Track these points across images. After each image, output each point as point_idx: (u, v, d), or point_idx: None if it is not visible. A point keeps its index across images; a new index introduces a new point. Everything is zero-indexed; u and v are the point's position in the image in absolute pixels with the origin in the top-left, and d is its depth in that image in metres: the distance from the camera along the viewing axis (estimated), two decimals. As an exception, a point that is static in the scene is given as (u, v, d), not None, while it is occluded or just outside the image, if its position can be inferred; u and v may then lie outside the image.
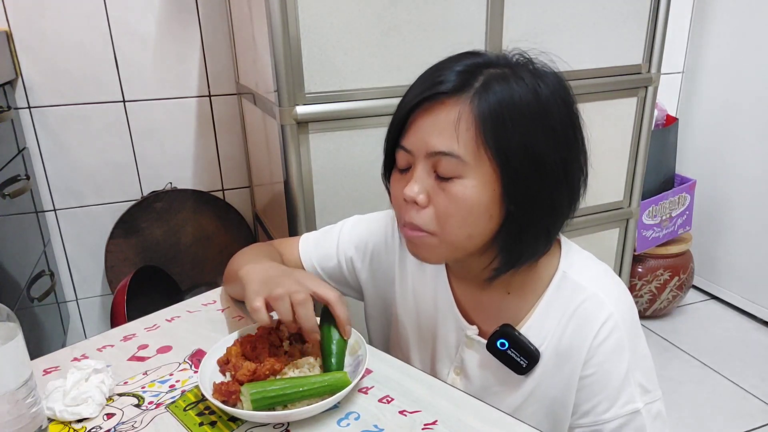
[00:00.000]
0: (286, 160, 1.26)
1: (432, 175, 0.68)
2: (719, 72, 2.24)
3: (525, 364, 0.75)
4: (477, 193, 0.67)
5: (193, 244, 1.89)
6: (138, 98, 1.77)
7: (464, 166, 0.66)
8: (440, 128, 0.66)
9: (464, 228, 0.69)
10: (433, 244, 0.71)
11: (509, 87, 0.65)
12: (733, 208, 2.23)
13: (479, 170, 0.66)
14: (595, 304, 0.73)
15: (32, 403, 0.61)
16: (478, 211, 0.68)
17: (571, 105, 0.70)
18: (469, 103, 0.65)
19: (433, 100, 0.67)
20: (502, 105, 0.65)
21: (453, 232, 0.69)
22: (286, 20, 1.16)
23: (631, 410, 0.72)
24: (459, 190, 0.67)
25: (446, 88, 0.66)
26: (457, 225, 0.68)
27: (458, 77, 0.67)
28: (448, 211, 0.68)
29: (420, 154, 0.68)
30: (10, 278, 1.35)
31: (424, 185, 0.68)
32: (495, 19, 1.33)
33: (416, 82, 0.71)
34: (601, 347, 0.72)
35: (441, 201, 0.68)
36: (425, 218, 0.69)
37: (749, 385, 1.86)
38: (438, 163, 0.67)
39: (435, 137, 0.66)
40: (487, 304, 0.80)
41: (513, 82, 0.66)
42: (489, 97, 0.65)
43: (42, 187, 1.76)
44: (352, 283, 0.94)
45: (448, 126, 0.66)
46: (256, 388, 0.64)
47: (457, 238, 0.69)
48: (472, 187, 0.67)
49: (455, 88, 0.66)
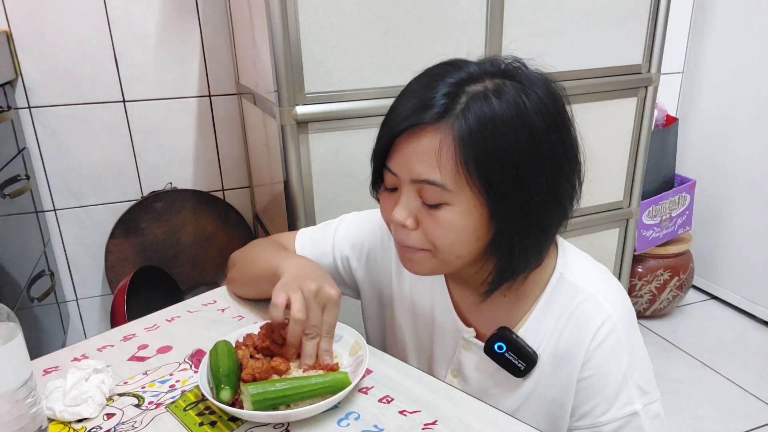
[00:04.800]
0: (286, 160, 1.26)
1: (418, 200, 0.68)
2: (719, 72, 2.24)
3: (523, 367, 0.75)
4: (463, 219, 0.67)
5: (193, 244, 1.89)
6: (138, 98, 1.77)
7: (448, 193, 0.66)
8: (422, 156, 0.65)
9: (453, 250, 0.69)
10: (426, 258, 0.71)
11: (490, 107, 0.63)
12: (733, 208, 2.23)
13: (463, 196, 0.66)
14: (593, 305, 0.73)
15: (32, 403, 0.61)
16: (464, 235, 0.68)
17: (560, 118, 0.67)
18: (449, 129, 0.64)
19: (415, 127, 0.66)
20: (483, 128, 0.63)
21: (443, 251, 0.70)
22: (286, 20, 1.16)
23: (629, 412, 0.72)
24: (445, 216, 0.67)
25: (428, 116, 0.64)
26: (446, 247, 0.69)
27: (440, 102, 0.64)
28: (435, 234, 0.68)
29: (405, 179, 0.68)
30: (10, 278, 1.35)
31: (411, 209, 0.69)
32: (495, 19, 1.33)
33: (400, 99, 0.70)
34: (598, 349, 0.72)
35: (428, 226, 0.68)
36: (416, 239, 0.70)
37: (749, 385, 1.86)
38: (422, 189, 0.67)
39: (418, 165, 0.66)
40: (484, 306, 0.80)
41: (494, 101, 0.63)
42: (470, 120, 0.63)
43: (42, 187, 1.76)
44: (348, 281, 0.94)
45: (429, 154, 0.64)
46: (257, 389, 0.64)
47: (448, 257, 0.70)
48: (458, 213, 0.67)
49: (436, 116, 0.64)
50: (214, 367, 0.68)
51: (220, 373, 0.66)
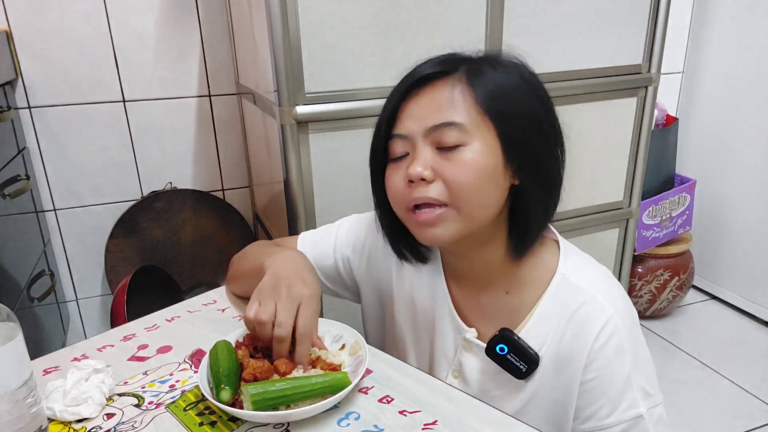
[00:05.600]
0: (286, 160, 1.26)
1: (433, 151, 0.70)
2: (719, 72, 2.24)
3: (525, 369, 0.75)
4: (483, 157, 0.69)
5: (193, 244, 1.89)
6: (138, 98, 1.77)
7: (466, 133, 0.68)
8: (436, 105, 0.69)
9: (476, 196, 0.69)
10: (449, 217, 0.70)
11: (491, 69, 0.71)
12: (733, 208, 2.23)
13: (481, 135, 0.69)
14: (595, 307, 0.73)
15: (32, 403, 0.60)
16: (486, 176, 0.69)
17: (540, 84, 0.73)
18: (458, 79, 0.70)
19: (424, 83, 0.70)
20: (492, 74, 0.70)
21: (468, 199, 0.69)
22: (286, 20, 1.16)
23: (634, 415, 0.72)
24: (466, 156, 0.68)
25: (436, 69, 0.70)
26: (469, 192, 0.69)
27: (443, 63, 0.71)
28: (458, 178, 0.68)
29: (417, 134, 0.70)
30: (10, 278, 1.35)
31: (426, 162, 0.69)
32: (495, 19, 1.33)
33: (399, 82, 0.74)
34: (601, 351, 0.72)
35: (449, 171, 0.69)
36: (437, 190, 0.69)
37: (749, 385, 1.86)
38: (440, 135, 0.69)
39: (432, 113, 0.69)
40: (485, 305, 0.80)
41: (494, 65, 0.71)
42: (479, 70, 0.70)
43: (42, 187, 1.76)
44: (348, 284, 0.94)
45: (444, 101, 0.69)
46: (257, 389, 0.64)
47: (473, 207, 0.70)
48: (477, 151, 0.68)
49: (444, 72, 0.70)
50: (214, 367, 0.68)
51: (220, 373, 0.66)
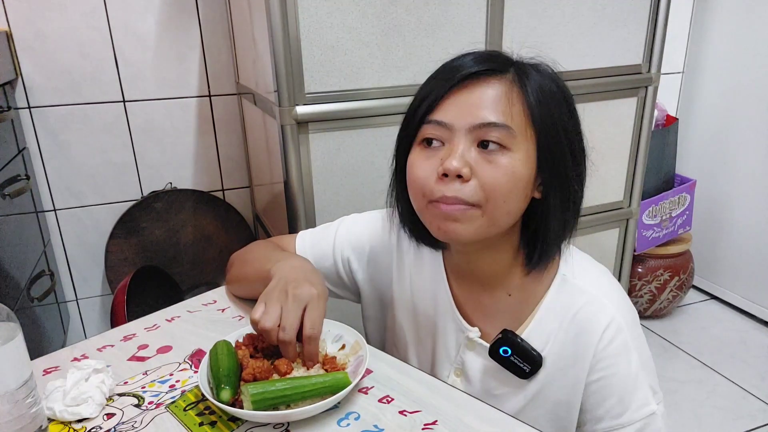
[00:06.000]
0: (286, 160, 1.26)
1: (473, 149, 0.68)
2: (719, 72, 2.24)
3: (528, 369, 0.75)
4: (522, 167, 0.68)
5: (193, 244, 1.89)
6: (138, 98, 1.77)
7: (513, 139, 0.68)
8: (488, 102, 0.68)
9: (507, 202, 0.69)
10: (475, 217, 0.69)
11: (538, 73, 0.70)
12: (733, 208, 2.23)
13: (524, 144, 0.68)
14: (597, 307, 0.73)
15: (32, 403, 0.60)
16: (521, 185, 0.69)
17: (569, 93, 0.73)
18: (511, 81, 0.69)
19: (476, 77, 0.69)
20: (541, 84, 0.69)
21: (497, 204, 0.68)
22: (286, 20, 1.16)
23: (647, 413, 0.72)
24: (508, 162, 0.68)
25: (495, 66, 0.69)
26: (502, 197, 0.68)
27: (493, 60, 0.71)
28: (496, 182, 0.67)
29: (461, 127, 0.68)
30: (10, 278, 1.35)
31: (466, 158, 0.68)
32: (495, 19, 1.33)
33: (449, 63, 0.73)
34: (606, 351, 0.72)
35: (488, 173, 0.67)
36: (470, 190, 0.68)
37: (749, 385, 1.86)
38: (485, 135, 0.67)
39: (484, 110, 0.68)
40: (487, 305, 0.80)
41: (539, 70, 0.71)
42: (529, 76, 0.69)
43: (42, 187, 1.76)
44: (348, 284, 0.94)
45: (497, 100, 0.68)
46: (257, 388, 0.64)
47: (499, 212, 0.69)
48: (519, 160, 0.68)
49: (497, 69, 0.69)
50: (214, 367, 0.68)
51: (220, 373, 0.66)
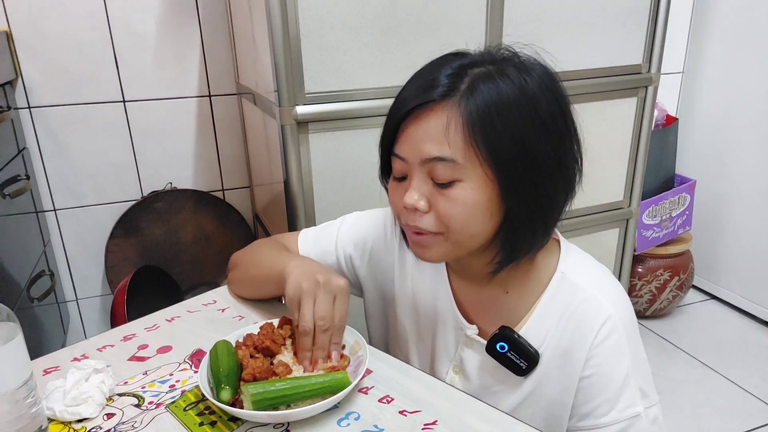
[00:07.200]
0: (286, 160, 1.26)
1: (429, 181, 0.69)
2: (719, 72, 2.24)
3: (525, 366, 0.75)
4: (475, 195, 0.67)
5: (193, 244, 1.89)
6: (138, 98, 1.77)
7: (459, 169, 0.66)
8: (431, 135, 0.67)
9: (467, 228, 0.69)
10: (439, 243, 0.71)
11: (495, 85, 0.66)
12: (733, 208, 2.23)
13: (474, 171, 0.67)
14: (594, 305, 0.73)
15: (32, 403, 0.60)
16: (478, 211, 0.68)
17: (559, 94, 0.69)
18: (456, 106, 0.66)
19: (421, 107, 0.67)
20: (489, 104, 0.65)
21: (456, 232, 0.69)
22: (286, 20, 1.17)
23: (631, 414, 0.72)
24: (458, 194, 0.67)
25: (434, 95, 0.66)
26: (459, 226, 0.69)
27: (444, 81, 0.67)
28: (450, 213, 0.68)
29: (414, 161, 0.69)
30: (10, 278, 1.35)
31: (422, 192, 0.69)
32: (495, 19, 1.33)
33: (405, 87, 0.72)
34: (600, 348, 0.72)
35: (441, 206, 0.69)
36: (429, 222, 0.70)
37: (749, 385, 1.86)
38: (433, 168, 0.68)
39: (427, 144, 0.67)
40: (486, 302, 0.80)
41: (498, 80, 0.66)
42: (476, 98, 0.65)
43: (42, 187, 1.76)
44: (351, 280, 0.94)
45: (438, 132, 0.66)
46: (257, 389, 0.64)
47: (461, 238, 0.70)
48: (470, 189, 0.67)
49: (442, 94, 0.66)
50: (214, 367, 0.68)
51: (220, 373, 0.67)
